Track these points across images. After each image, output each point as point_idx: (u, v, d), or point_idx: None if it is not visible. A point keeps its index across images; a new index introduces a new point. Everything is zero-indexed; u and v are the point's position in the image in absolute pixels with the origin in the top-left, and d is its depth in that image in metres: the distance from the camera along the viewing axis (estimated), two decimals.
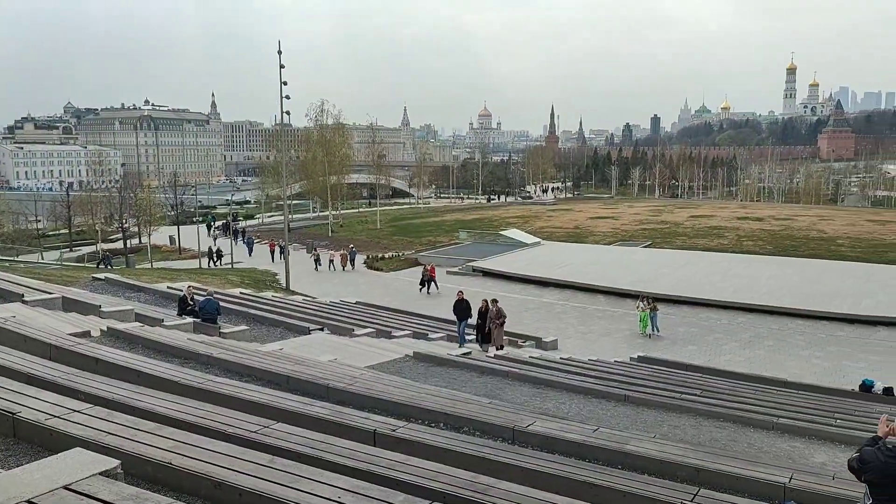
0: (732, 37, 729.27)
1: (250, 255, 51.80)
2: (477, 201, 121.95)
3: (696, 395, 14.65)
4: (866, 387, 19.13)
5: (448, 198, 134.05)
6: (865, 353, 26.73)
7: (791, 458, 10.31)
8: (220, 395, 7.50)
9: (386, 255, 51.17)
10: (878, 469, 4.34)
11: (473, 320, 20.76)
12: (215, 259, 47.64)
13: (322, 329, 18.66)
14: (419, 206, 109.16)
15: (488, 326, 19.14)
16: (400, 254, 51.63)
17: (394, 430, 6.73)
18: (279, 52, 38.85)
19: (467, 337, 20.64)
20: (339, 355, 14.37)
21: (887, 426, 4.60)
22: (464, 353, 17.53)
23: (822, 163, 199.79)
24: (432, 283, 37.99)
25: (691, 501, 5.24)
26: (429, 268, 39.17)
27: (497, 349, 18.52)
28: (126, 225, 64.93)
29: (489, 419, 8.12)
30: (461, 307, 20.37)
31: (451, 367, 15.43)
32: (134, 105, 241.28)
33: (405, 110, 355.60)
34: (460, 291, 21.32)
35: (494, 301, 19.79)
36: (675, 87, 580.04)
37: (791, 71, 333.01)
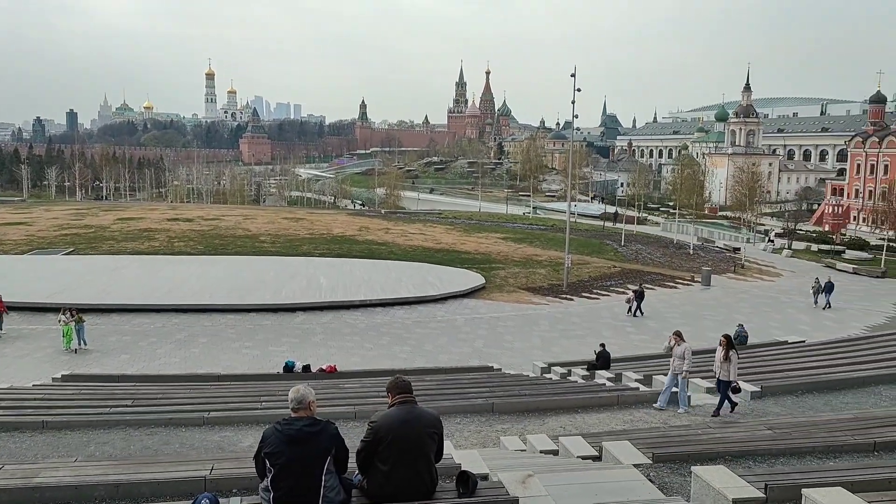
0: (154, 37, 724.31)
1: None
2: None
3: (126, 405, 14.03)
4: (288, 367, 21.50)
5: None
6: (287, 336, 30.01)
7: (221, 447, 10.75)
8: None
9: None
10: (278, 439, 4.67)
11: None
12: None
13: None
14: None
15: None
16: None
17: None
18: None
19: None
20: None
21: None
22: None
23: (245, 166, 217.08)
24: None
25: None
26: None
27: None
28: None
29: None
30: None
31: None
32: None
33: None
34: None
35: None
36: (94, 83, 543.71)
37: (210, 76, 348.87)
